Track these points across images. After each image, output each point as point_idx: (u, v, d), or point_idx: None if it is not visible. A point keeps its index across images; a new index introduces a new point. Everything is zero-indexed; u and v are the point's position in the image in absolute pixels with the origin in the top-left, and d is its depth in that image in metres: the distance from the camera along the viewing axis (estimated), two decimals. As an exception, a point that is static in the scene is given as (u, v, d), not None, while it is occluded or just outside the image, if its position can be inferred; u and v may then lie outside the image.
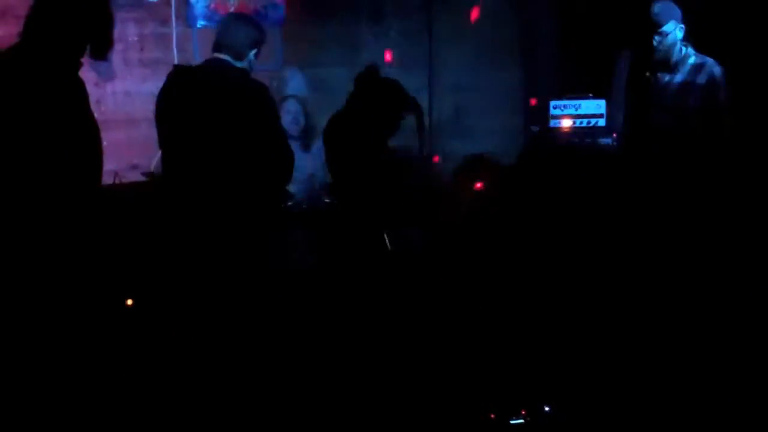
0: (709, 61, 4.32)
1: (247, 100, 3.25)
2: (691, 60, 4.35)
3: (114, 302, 3.44)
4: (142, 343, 3.44)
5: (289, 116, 4.97)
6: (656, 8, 4.32)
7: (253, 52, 3.39)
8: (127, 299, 3.66)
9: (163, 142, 3.34)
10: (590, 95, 5.79)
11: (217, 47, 3.37)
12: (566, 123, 5.77)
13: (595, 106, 5.74)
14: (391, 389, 3.42)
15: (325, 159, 4.27)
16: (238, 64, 3.34)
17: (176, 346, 3.26)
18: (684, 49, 4.36)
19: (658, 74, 4.44)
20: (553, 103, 5.87)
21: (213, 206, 3.22)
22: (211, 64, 3.37)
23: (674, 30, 4.31)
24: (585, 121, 5.78)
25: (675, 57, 4.36)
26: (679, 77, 4.37)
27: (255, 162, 3.23)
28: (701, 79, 4.28)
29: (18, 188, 2.59)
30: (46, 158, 2.60)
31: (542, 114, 6.00)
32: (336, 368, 3.58)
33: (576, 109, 5.77)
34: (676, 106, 4.34)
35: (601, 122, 5.75)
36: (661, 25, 4.28)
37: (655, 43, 4.33)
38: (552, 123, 5.84)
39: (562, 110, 5.81)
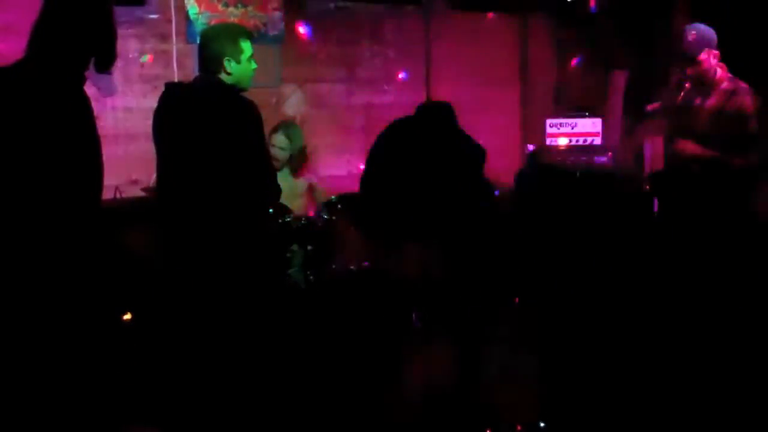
0: (742, 87, 4.08)
1: (230, 117, 3.26)
2: (724, 85, 4.12)
3: (113, 316, 3.46)
4: (140, 357, 3.46)
5: (273, 150, 4.84)
6: (689, 37, 4.09)
7: (231, 59, 3.33)
8: (125, 313, 3.67)
9: (158, 159, 3.39)
10: (586, 114, 5.84)
11: (200, 63, 3.41)
12: (562, 141, 5.81)
13: (591, 124, 5.78)
14: (386, 404, 3.43)
15: None
16: (228, 79, 3.36)
17: (172, 361, 3.29)
18: (718, 71, 4.15)
19: (691, 98, 4.23)
20: (549, 121, 5.92)
21: (203, 222, 3.26)
22: (198, 81, 3.41)
23: (708, 58, 4.09)
24: (581, 139, 5.83)
25: (708, 81, 4.15)
26: (710, 102, 4.13)
27: (239, 179, 3.25)
28: (731, 107, 4.05)
29: (22, 202, 2.62)
30: (50, 172, 2.62)
31: (538, 132, 6.06)
32: (330, 382, 3.60)
33: (572, 128, 5.82)
34: (704, 131, 4.11)
35: (597, 140, 5.80)
36: (695, 56, 4.08)
37: (689, 72, 4.15)
38: (548, 141, 5.89)
39: (558, 129, 5.86)
